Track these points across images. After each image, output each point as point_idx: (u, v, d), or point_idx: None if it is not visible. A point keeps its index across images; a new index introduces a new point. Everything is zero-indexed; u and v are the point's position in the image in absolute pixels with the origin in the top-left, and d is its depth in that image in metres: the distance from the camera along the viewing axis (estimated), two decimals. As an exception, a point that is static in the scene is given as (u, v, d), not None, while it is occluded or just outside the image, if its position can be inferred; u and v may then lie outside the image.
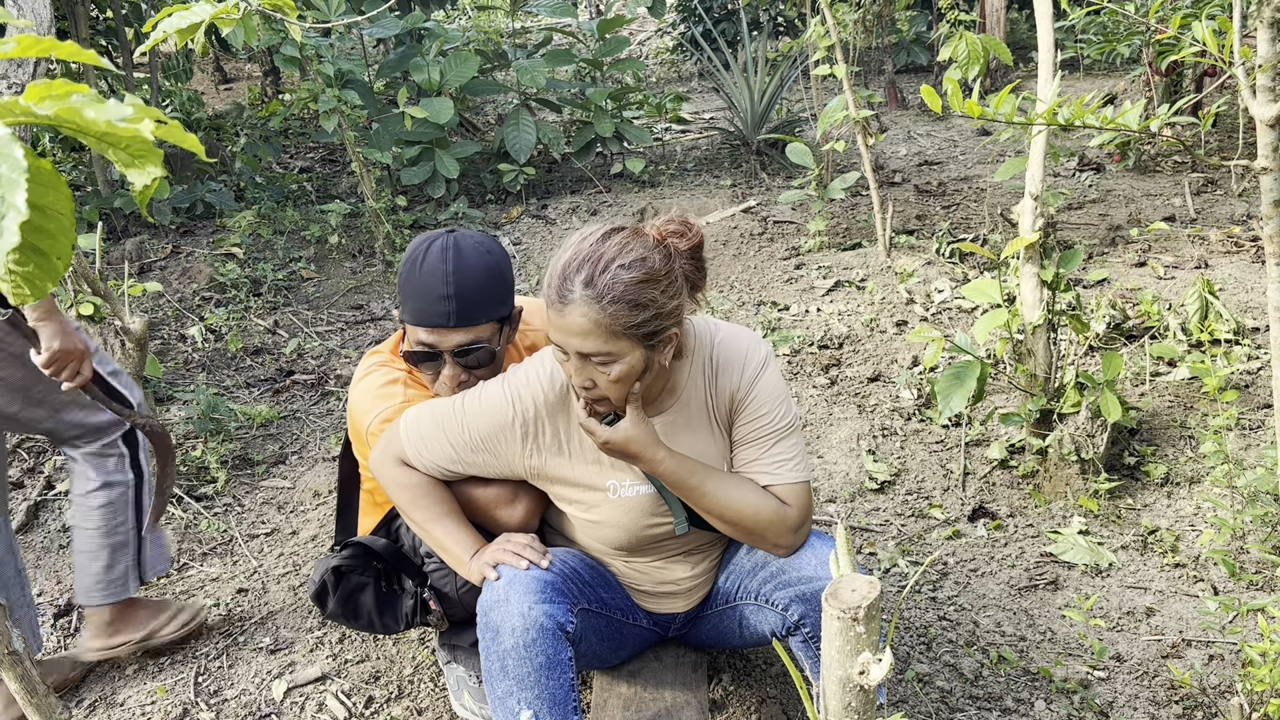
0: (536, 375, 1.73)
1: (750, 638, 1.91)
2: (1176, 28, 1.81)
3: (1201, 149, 5.29)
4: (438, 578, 1.93)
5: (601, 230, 1.59)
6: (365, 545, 1.96)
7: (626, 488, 1.76)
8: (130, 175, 0.71)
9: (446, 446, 1.74)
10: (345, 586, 1.95)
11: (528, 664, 1.62)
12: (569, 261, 1.54)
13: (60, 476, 3.10)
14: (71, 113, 0.66)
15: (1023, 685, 2.13)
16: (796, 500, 1.73)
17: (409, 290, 1.81)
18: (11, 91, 2.73)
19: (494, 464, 1.76)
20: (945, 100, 1.60)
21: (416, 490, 1.78)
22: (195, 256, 4.90)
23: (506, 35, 6.74)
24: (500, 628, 1.63)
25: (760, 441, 1.75)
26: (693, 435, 1.75)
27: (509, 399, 1.72)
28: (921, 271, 4.23)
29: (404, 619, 1.97)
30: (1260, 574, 2.37)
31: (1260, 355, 3.25)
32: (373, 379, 1.92)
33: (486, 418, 1.72)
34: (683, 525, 1.77)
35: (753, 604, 1.84)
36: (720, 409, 1.76)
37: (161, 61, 6.79)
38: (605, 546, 1.84)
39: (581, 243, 1.56)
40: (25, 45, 0.72)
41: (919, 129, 6.64)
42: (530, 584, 1.66)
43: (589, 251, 1.54)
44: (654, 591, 1.90)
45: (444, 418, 1.75)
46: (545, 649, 1.63)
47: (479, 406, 1.73)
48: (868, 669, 1.07)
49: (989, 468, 2.91)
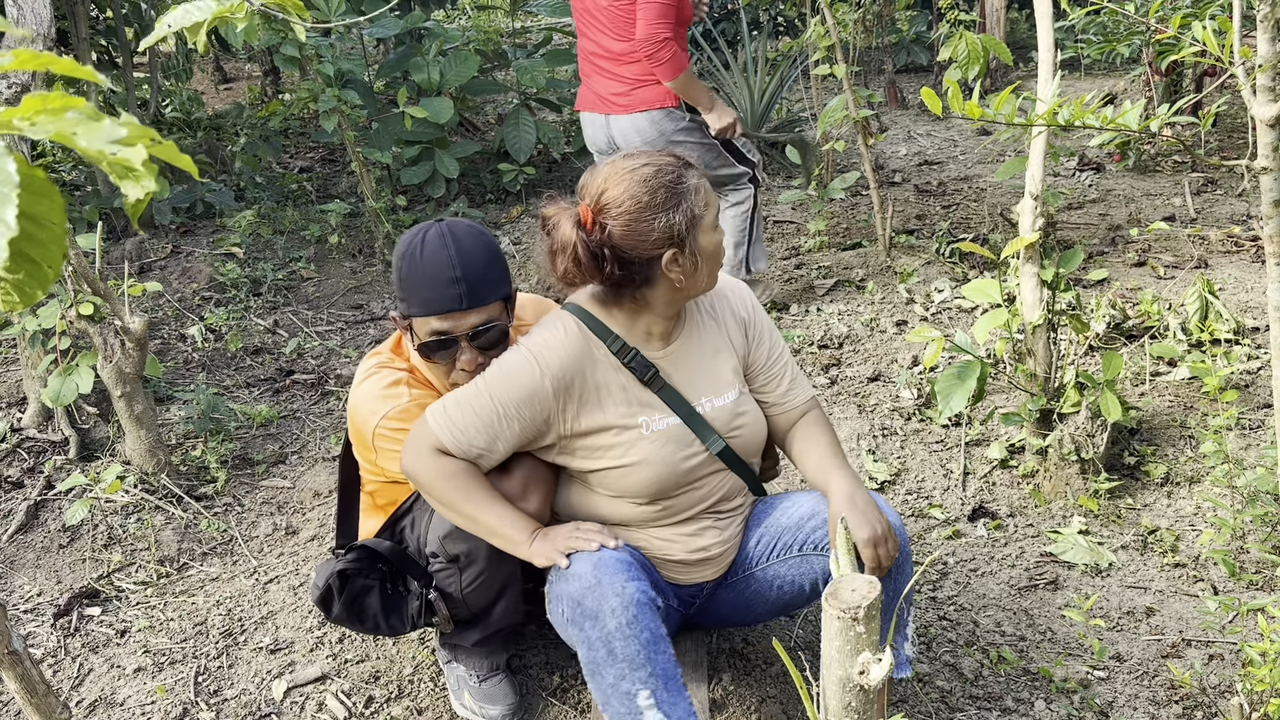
0: (552, 334, 1.78)
1: (781, 599, 1.95)
2: (1176, 28, 1.81)
3: (1201, 149, 5.29)
4: (442, 578, 1.93)
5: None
6: (369, 548, 1.96)
7: (657, 421, 1.81)
8: (124, 187, 0.71)
9: (480, 424, 1.74)
10: (350, 590, 1.94)
11: (634, 642, 1.64)
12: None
13: (60, 476, 3.10)
14: (65, 137, 0.66)
15: (1023, 685, 2.13)
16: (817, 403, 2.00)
17: (414, 282, 1.80)
18: (11, 91, 2.73)
19: (529, 430, 1.77)
20: (945, 101, 1.60)
21: (460, 478, 1.76)
22: (195, 256, 4.90)
23: (506, 35, 6.73)
24: (599, 611, 1.64)
25: (776, 370, 1.95)
26: (715, 360, 1.89)
27: (533, 360, 1.75)
28: (921, 271, 4.23)
29: (410, 620, 1.97)
30: (1260, 574, 2.37)
31: (1260, 355, 3.25)
32: (375, 381, 1.91)
33: (515, 384, 1.74)
34: (717, 443, 1.85)
35: (796, 555, 1.89)
36: (734, 336, 1.93)
37: (161, 61, 6.79)
38: (642, 500, 1.84)
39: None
40: (23, 60, 0.72)
41: (919, 129, 6.64)
42: (616, 563, 1.69)
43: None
44: (687, 560, 1.90)
45: (470, 398, 1.76)
46: (648, 624, 1.66)
47: (502, 376, 1.76)
48: (868, 669, 1.07)
49: (989, 468, 2.91)
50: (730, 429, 1.87)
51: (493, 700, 2.07)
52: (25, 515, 2.93)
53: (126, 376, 2.87)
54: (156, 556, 2.73)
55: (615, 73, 3.57)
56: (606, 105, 3.61)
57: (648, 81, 3.53)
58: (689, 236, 1.72)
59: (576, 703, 2.13)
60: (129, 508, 2.91)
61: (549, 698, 2.15)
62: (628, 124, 3.58)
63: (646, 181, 1.70)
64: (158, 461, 3.00)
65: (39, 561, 2.77)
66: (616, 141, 3.64)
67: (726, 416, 1.87)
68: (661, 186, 1.70)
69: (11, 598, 2.63)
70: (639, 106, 3.55)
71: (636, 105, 3.56)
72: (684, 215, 1.71)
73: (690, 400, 1.84)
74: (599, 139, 3.72)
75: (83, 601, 2.57)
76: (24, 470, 3.18)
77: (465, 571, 1.89)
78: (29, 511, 2.95)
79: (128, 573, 2.69)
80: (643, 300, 1.78)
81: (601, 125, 3.67)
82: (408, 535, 1.99)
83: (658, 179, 1.70)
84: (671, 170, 1.72)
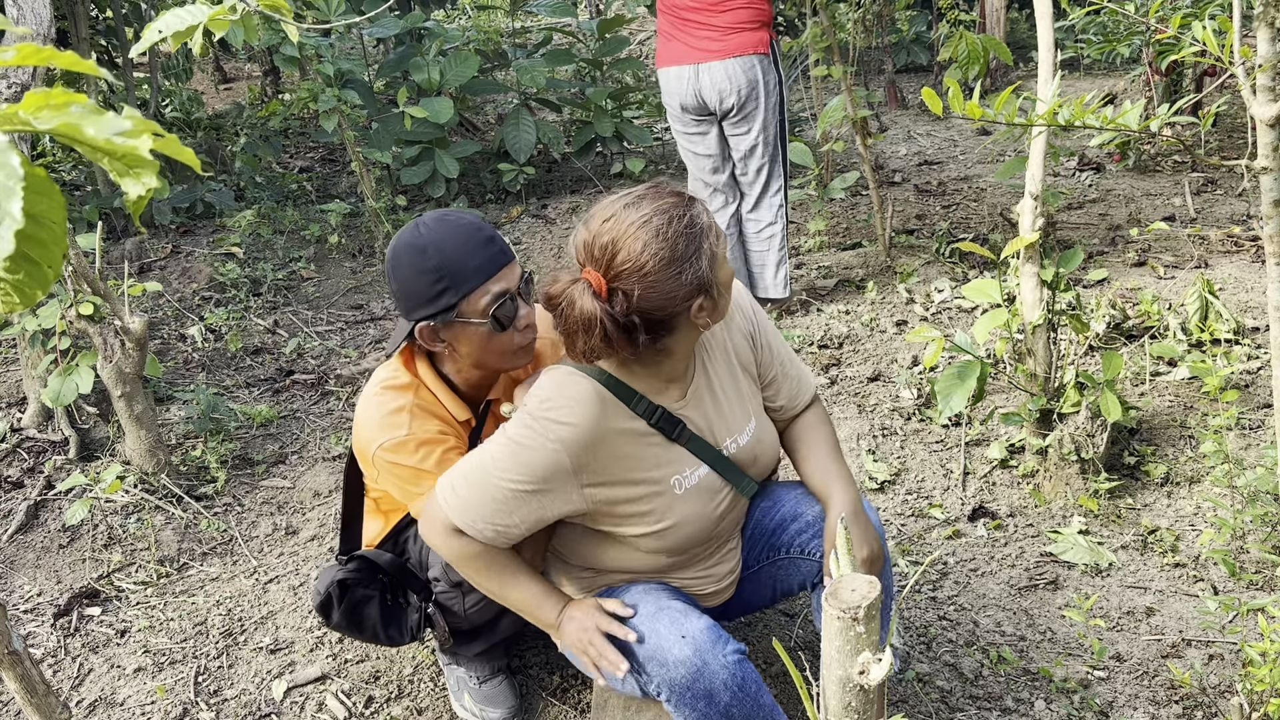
0: (568, 405, 1.61)
1: (781, 592, 1.95)
2: (1176, 28, 1.81)
3: (1201, 149, 5.29)
4: (445, 598, 1.91)
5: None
6: (370, 559, 1.96)
7: (688, 477, 1.71)
8: (125, 185, 0.71)
9: (493, 507, 1.61)
10: (350, 599, 1.93)
11: (750, 702, 1.63)
12: None
13: (60, 476, 3.10)
14: (71, 128, 0.66)
15: (1023, 685, 2.13)
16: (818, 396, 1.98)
17: (455, 260, 1.70)
18: (11, 91, 2.73)
19: (548, 510, 1.64)
20: (945, 101, 1.60)
21: (479, 560, 1.66)
22: (195, 256, 4.90)
23: (506, 35, 6.73)
24: (712, 691, 1.60)
25: (786, 372, 1.88)
26: (729, 389, 1.79)
27: (546, 436, 1.60)
28: (921, 271, 4.23)
29: (409, 632, 1.96)
30: (1260, 574, 2.37)
31: (1260, 355, 3.25)
32: (379, 403, 1.83)
33: (527, 463, 1.59)
34: (750, 485, 1.80)
35: (784, 558, 1.88)
36: (741, 352, 1.82)
37: (161, 61, 6.79)
38: (676, 556, 1.77)
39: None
40: (25, 54, 0.72)
41: (919, 129, 6.64)
42: (702, 633, 1.62)
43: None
44: (719, 590, 1.89)
45: (480, 478, 1.62)
46: (753, 678, 1.64)
47: (513, 454, 1.60)
48: (868, 669, 1.07)
49: (989, 467, 2.91)
50: (754, 463, 1.82)
51: (493, 703, 2.07)
52: (25, 515, 2.93)
53: (126, 376, 2.87)
54: (156, 556, 2.73)
55: (707, 22, 3.60)
56: (697, 55, 3.63)
57: (743, 28, 3.60)
58: (713, 278, 1.58)
59: (576, 703, 2.14)
60: (129, 508, 2.91)
61: (549, 698, 2.15)
62: (720, 71, 3.61)
63: (661, 234, 1.52)
64: (158, 461, 3.00)
65: (39, 561, 2.77)
66: (704, 93, 3.65)
67: (750, 453, 1.80)
68: (679, 236, 1.53)
69: (11, 598, 2.63)
70: (734, 51, 3.60)
71: (732, 50, 3.60)
72: (706, 259, 1.56)
73: (716, 445, 1.75)
74: (685, 92, 3.69)
75: (83, 601, 2.57)
76: (24, 470, 3.18)
77: (468, 596, 1.89)
78: (29, 511, 2.95)
79: (128, 573, 2.70)
80: (664, 350, 1.64)
81: (689, 77, 3.66)
82: (410, 546, 1.98)
83: (673, 228, 1.53)
84: (681, 212, 1.56)
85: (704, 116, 3.74)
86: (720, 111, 3.70)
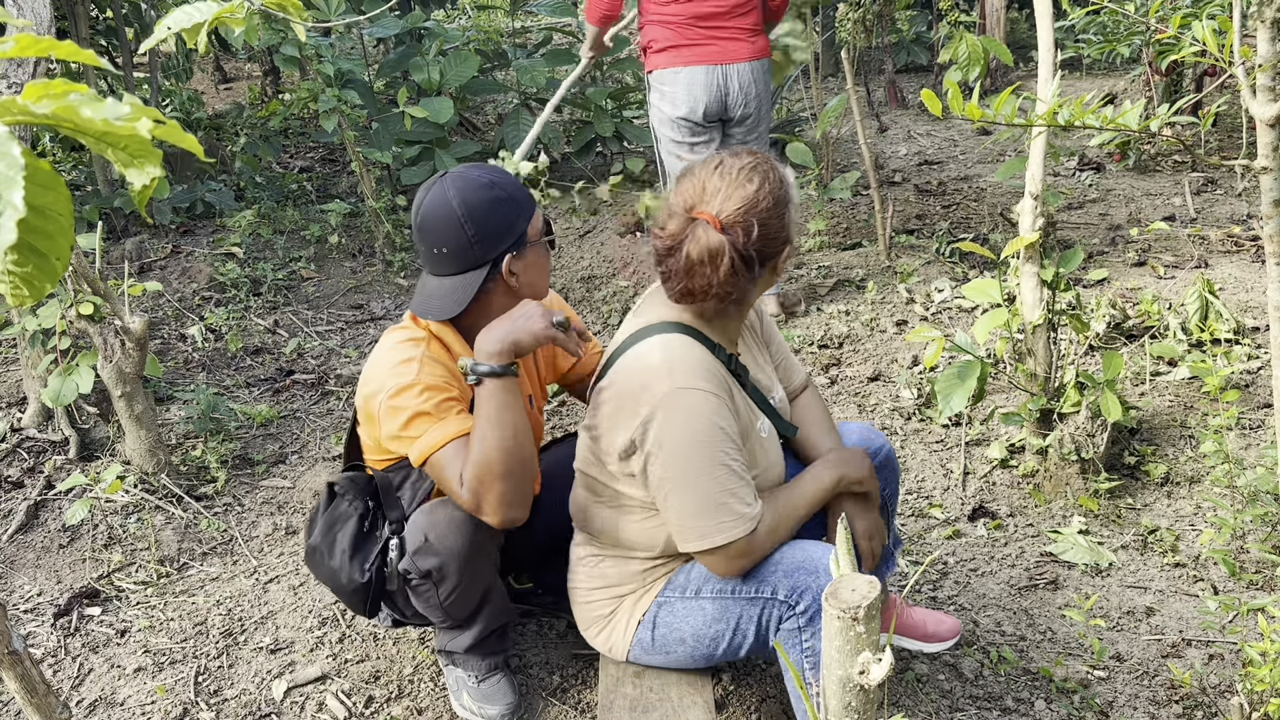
0: (685, 361, 1.70)
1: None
2: (1176, 28, 1.81)
3: (1201, 149, 5.29)
4: (422, 593, 1.91)
5: None
6: (363, 469, 1.99)
7: (763, 422, 1.84)
8: (129, 175, 0.71)
9: (733, 485, 1.69)
10: (332, 512, 1.95)
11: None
12: None
13: (60, 476, 3.10)
14: (69, 111, 0.66)
15: (1023, 685, 2.13)
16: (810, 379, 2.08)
17: (508, 198, 1.83)
18: (11, 91, 2.73)
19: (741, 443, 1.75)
20: (945, 102, 1.60)
21: (772, 519, 1.74)
22: (195, 256, 4.90)
23: (506, 35, 6.73)
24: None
25: (783, 353, 2.02)
26: (759, 356, 1.94)
27: (700, 392, 1.67)
28: (921, 271, 4.23)
29: (365, 571, 1.92)
30: (1260, 574, 2.37)
31: (1260, 355, 3.25)
32: (390, 355, 1.87)
33: (713, 426, 1.67)
34: (791, 427, 1.93)
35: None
36: (756, 330, 1.97)
37: (161, 61, 6.79)
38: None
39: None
40: (24, 44, 0.72)
41: (919, 129, 6.64)
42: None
43: None
44: None
45: (709, 483, 1.68)
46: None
47: (696, 433, 1.67)
48: (868, 669, 1.07)
49: (989, 467, 2.91)
50: (787, 419, 1.95)
51: (491, 700, 2.07)
52: (25, 515, 2.93)
53: (126, 376, 2.87)
54: (156, 556, 2.73)
55: (732, 25, 3.62)
56: (727, 56, 3.63)
57: (759, 29, 3.67)
58: (794, 230, 1.74)
59: (577, 702, 2.14)
60: (129, 508, 2.91)
61: (549, 697, 2.15)
62: (748, 73, 3.64)
63: (769, 179, 1.67)
64: (158, 461, 3.00)
65: (39, 561, 2.77)
66: (730, 96, 3.65)
67: (785, 409, 1.95)
68: (782, 182, 1.69)
69: (11, 598, 2.63)
70: (759, 54, 3.67)
71: (757, 52, 3.66)
72: (795, 209, 1.73)
73: (767, 398, 1.88)
74: (709, 96, 3.64)
75: (83, 601, 2.57)
76: (24, 470, 3.18)
77: (440, 586, 1.89)
78: (29, 511, 2.95)
79: (128, 573, 2.70)
80: (743, 302, 1.74)
81: (718, 80, 3.63)
82: (404, 494, 1.97)
83: (776, 174, 1.69)
84: (775, 166, 1.71)
85: (712, 124, 3.71)
86: (738, 115, 3.69)
